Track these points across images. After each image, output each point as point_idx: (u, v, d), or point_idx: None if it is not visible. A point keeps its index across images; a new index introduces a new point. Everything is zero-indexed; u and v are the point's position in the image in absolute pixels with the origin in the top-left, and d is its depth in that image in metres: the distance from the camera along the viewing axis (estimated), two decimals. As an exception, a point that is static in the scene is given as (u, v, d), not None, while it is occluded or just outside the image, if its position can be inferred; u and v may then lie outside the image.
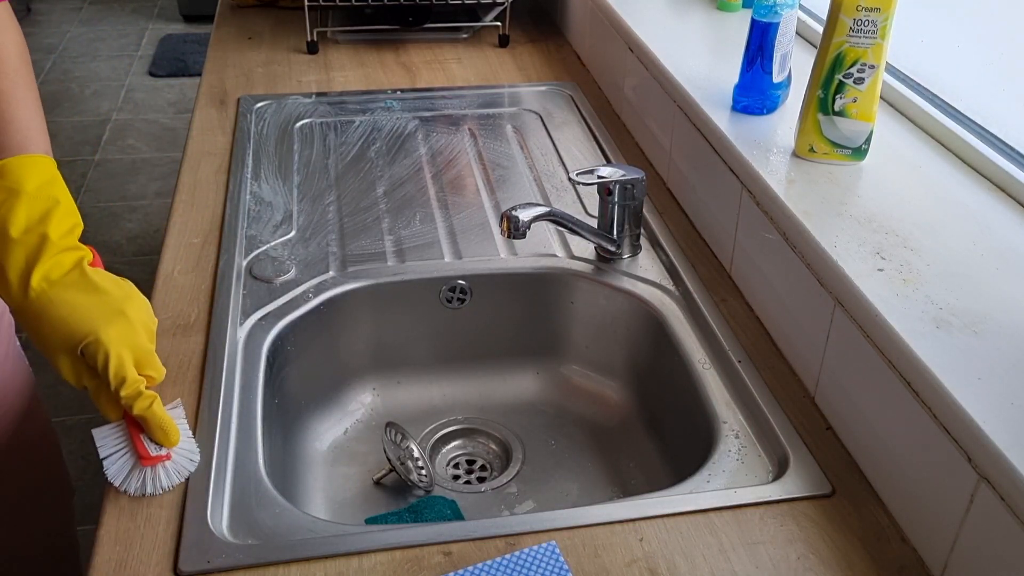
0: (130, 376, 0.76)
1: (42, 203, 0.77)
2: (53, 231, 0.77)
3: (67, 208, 0.80)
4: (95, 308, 0.76)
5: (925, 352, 0.73)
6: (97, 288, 0.77)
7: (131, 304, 0.79)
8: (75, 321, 0.75)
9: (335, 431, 1.08)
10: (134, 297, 0.80)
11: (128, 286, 0.81)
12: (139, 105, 3.56)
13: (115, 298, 0.78)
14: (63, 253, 0.77)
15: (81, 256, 0.79)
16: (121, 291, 0.79)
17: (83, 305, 0.76)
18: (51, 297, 0.76)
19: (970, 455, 0.67)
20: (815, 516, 0.78)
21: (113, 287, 0.79)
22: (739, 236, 1.05)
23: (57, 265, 0.77)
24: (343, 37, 1.76)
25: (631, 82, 1.40)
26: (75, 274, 0.77)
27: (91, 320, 0.76)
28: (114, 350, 0.75)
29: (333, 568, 0.73)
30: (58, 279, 0.76)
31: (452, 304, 1.12)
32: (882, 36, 0.92)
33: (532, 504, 1.01)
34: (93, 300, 0.77)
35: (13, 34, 0.87)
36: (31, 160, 0.79)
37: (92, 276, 0.78)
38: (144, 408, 0.77)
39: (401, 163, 1.32)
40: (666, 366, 1.03)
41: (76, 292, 0.76)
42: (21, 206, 0.76)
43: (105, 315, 0.76)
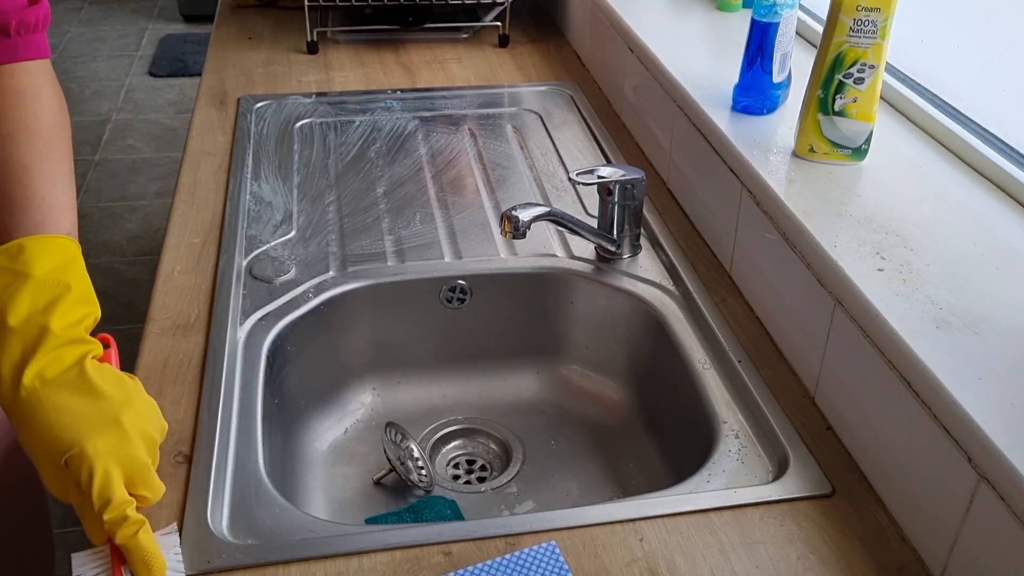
0: (116, 497, 0.67)
1: (50, 290, 0.70)
2: (56, 322, 0.69)
3: (79, 295, 0.72)
4: (86, 414, 0.68)
5: (925, 352, 0.73)
6: (94, 390, 0.69)
7: (130, 410, 0.70)
8: (61, 428, 0.67)
9: (335, 431, 1.08)
10: (136, 402, 0.72)
11: (134, 387, 0.73)
12: (139, 105, 3.57)
13: (112, 403, 0.69)
14: (65, 347, 0.70)
15: (86, 351, 0.71)
16: (122, 394, 0.71)
17: (73, 411, 0.68)
18: (41, 398, 0.67)
19: (970, 455, 0.67)
20: (815, 516, 0.78)
21: (113, 389, 0.70)
22: (739, 236, 1.05)
23: (56, 361, 0.69)
24: (343, 37, 1.76)
25: (631, 82, 1.40)
26: (73, 372, 0.69)
27: (79, 428, 0.67)
28: (100, 465, 0.67)
29: (333, 568, 0.73)
30: (53, 377, 0.68)
31: (452, 304, 1.12)
32: (882, 36, 0.92)
33: (532, 504, 1.01)
34: (86, 405, 0.68)
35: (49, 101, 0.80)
36: (47, 241, 0.72)
37: (92, 376, 0.70)
38: (128, 536, 0.67)
39: (401, 163, 1.32)
40: (666, 366, 1.03)
41: (69, 394, 0.68)
42: (25, 292, 0.69)
43: (96, 423, 0.68)
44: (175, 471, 0.81)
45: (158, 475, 0.74)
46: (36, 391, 0.68)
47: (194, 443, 0.84)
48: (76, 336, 0.70)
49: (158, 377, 0.92)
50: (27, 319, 0.69)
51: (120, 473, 0.68)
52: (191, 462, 0.82)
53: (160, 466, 0.82)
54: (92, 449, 0.67)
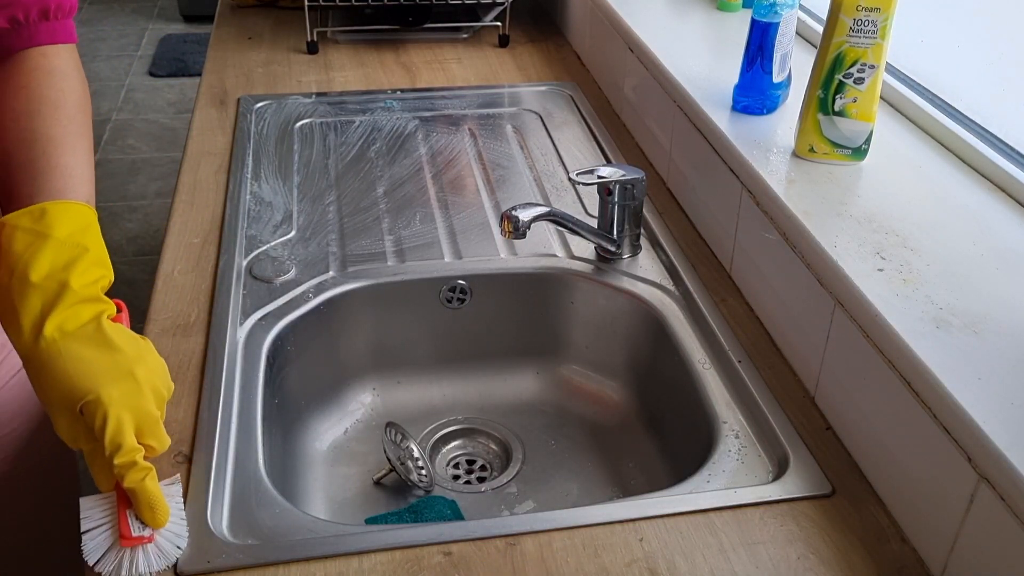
0: (127, 443, 0.70)
1: (69, 250, 0.74)
2: (75, 280, 0.73)
3: (95, 257, 0.76)
4: (103, 365, 0.72)
5: (925, 352, 0.73)
6: (110, 345, 0.73)
7: (143, 365, 0.74)
8: (79, 377, 0.71)
9: (335, 431, 1.08)
10: (148, 359, 0.75)
11: (145, 346, 0.76)
12: (139, 105, 3.57)
13: (127, 357, 0.73)
14: (82, 304, 0.73)
15: (101, 310, 0.74)
16: (136, 350, 0.74)
17: (91, 361, 0.71)
18: (60, 348, 0.71)
19: (970, 455, 0.67)
20: (815, 516, 0.78)
21: (128, 345, 0.74)
22: (739, 236, 1.05)
23: (74, 316, 0.73)
24: (343, 37, 1.76)
25: (631, 82, 1.40)
26: (90, 327, 0.73)
27: (95, 377, 0.71)
28: (113, 412, 0.70)
29: (333, 568, 0.73)
30: (72, 330, 0.72)
31: (452, 304, 1.12)
32: (882, 36, 0.92)
33: (532, 504, 1.01)
34: (103, 357, 0.72)
35: (75, 81, 0.85)
36: (67, 206, 0.76)
37: (108, 331, 0.73)
38: (136, 481, 0.71)
39: (401, 163, 1.32)
40: (666, 366, 1.03)
41: (87, 346, 0.72)
42: (47, 251, 0.73)
43: (112, 374, 0.71)
44: (175, 471, 0.81)
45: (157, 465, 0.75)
46: (55, 342, 0.71)
47: (194, 443, 0.84)
48: (93, 294, 0.74)
49: (158, 377, 0.92)
50: (48, 276, 0.72)
51: (131, 422, 0.71)
52: (191, 462, 0.82)
53: (160, 466, 0.82)
54: (107, 397, 0.70)
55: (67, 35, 0.88)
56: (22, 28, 0.84)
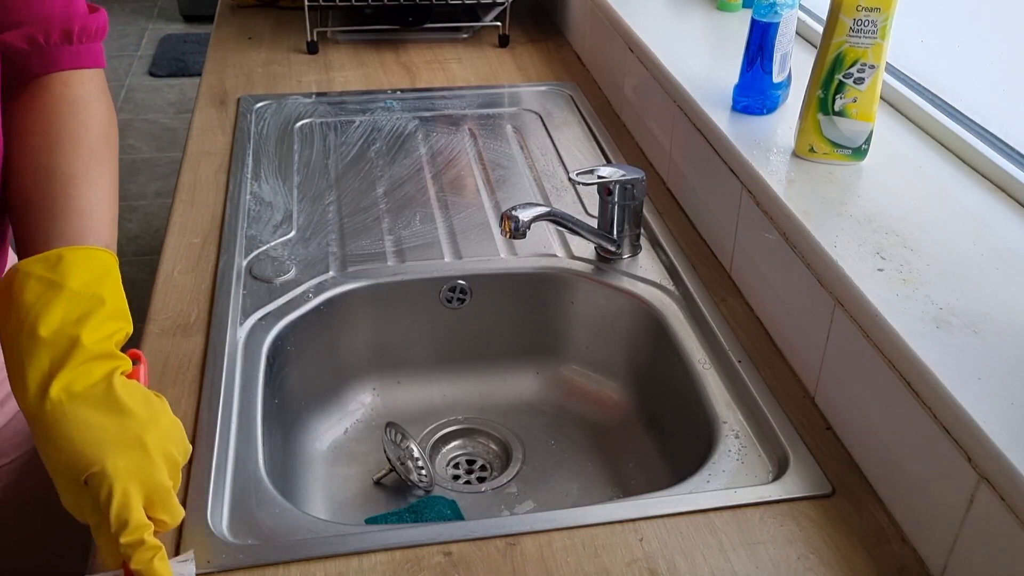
0: (134, 519, 0.65)
1: (84, 302, 0.69)
2: (87, 335, 0.68)
3: (112, 310, 0.70)
4: (110, 432, 0.66)
5: (925, 352, 0.73)
6: (120, 408, 0.67)
7: (154, 431, 0.68)
8: (83, 445, 0.66)
9: (335, 431, 1.08)
10: (161, 422, 0.70)
11: (160, 407, 0.71)
12: (139, 105, 3.57)
13: (137, 422, 0.68)
14: (94, 361, 0.68)
15: (114, 367, 0.69)
16: (148, 413, 0.69)
17: (97, 427, 0.66)
18: (65, 412, 0.66)
19: (970, 455, 0.67)
20: (815, 516, 0.78)
21: (139, 408, 0.69)
22: (739, 236, 1.05)
23: (84, 375, 0.67)
24: (343, 37, 1.76)
25: (631, 82, 1.40)
26: (100, 387, 0.67)
27: (101, 446, 0.66)
28: (119, 485, 0.65)
29: (333, 568, 0.73)
30: (80, 391, 0.67)
31: (452, 304, 1.12)
32: (882, 36, 0.92)
33: (532, 504, 1.01)
34: (111, 422, 0.67)
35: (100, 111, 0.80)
36: (84, 252, 0.71)
37: (119, 393, 0.68)
38: (144, 562, 0.65)
39: (401, 163, 1.32)
40: (666, 366, 1.03)
41: (94, 410, 0.67)
42: (59, 303, 0.68)
43: (119, 442, 0.66)
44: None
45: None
46: (61, 404, 0.66)
47: (194, 443, 0.84)
48: (106, 350, 0.69)
49: (158, 377, 0.92)
50: (58, 330, 0.67)
51: (140, 495, 0.66)
52: (191, 462, 0.82)
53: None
54: (113, 468, 0.65)
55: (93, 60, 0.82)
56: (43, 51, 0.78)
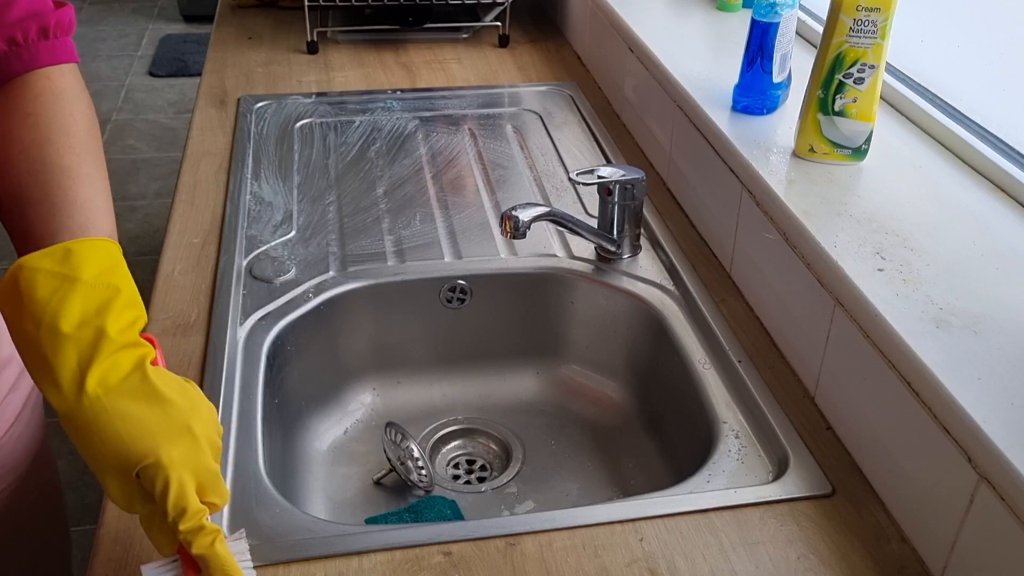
0: (191, 506, 0.65)
1: (100, 293, 0.67)
2: (111, 325, 0.66)
3: (128, 298, 0.69)
4: (157, 423, 0.66)
5: (925, 352, 0.73)
6: (160, 397, 0.67)
7: (197, 417, 0.68)
8: (132, 438, 0.65)
9: (335, 431, 1.08)
10: (200, 407, 0.69)
11: (194, 391, 0.70)
12: (139, 105, 3.57)
13: (180, 410, 0.67)
14: (122, 351, 0.67)
15: (142, 355, 0.68)
16: (187, 400, 0.68)
17: (143, 419, 0.65)
18: (106, 406, 0.65)
19: (970, 455, 0.67)
20: (815, 516, 0.78)
21: (179, 395, 0.68)
22: (739, 236, 1.05)
23: (115, 366, 0.66)
24: (343, 37, 1.76)
25: (631, 82, 1.40)
26: (135, 378, 0.67)
27: (152, 438, 0.65)
28: (175, 475, 0.65)
29: (333, 568, 0.73)
30: (116, 384, 0.66)
31: (452, 304, 1.12)
32: (882, 36, 0.92)
33: (532, 504, 1.01)
34: (155, 413, 0.66)
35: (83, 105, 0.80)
36: (91, 244, 0.70)
37: (155, 381, 0.67)
38: (206, 546, 0.65)
39: (401, 163, 1.32)
40: (666, 366, 1.03)
41: (135, 402, 0.66)
42: (76, 296, 0.66)
43: (168, 432, 0.66)
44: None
45: None
46: (99, 399, 0.65)
47: (194, 443, 0.84)
48: (131, 340, 0.68)
49: (158, 377, 0.92)
50: (80, 324, 0.66)
51: (193, 482, 0.66)
52: (191, 462, 0.82)
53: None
54: (167, 459, 0.65)
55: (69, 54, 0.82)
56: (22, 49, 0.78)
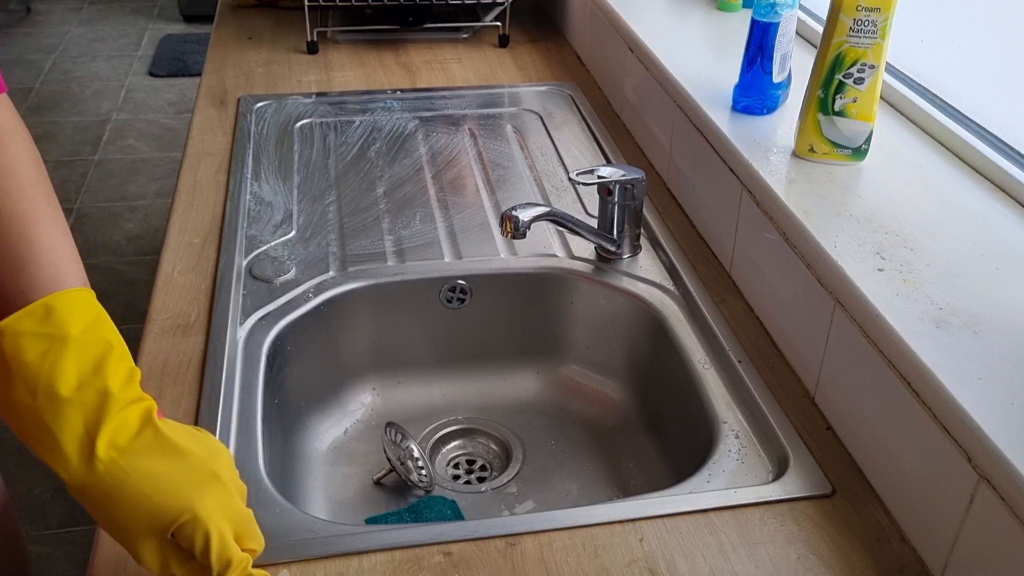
0: (235, 557, 0.63)
1: (92, 348, 0.63)
2: (113, 382, 0.63)
3: (121, 351, 0.65)
4: (183, 476, 0.63)
5: (925, 352, 0.73)
6: (179, 449, 0.63)
7: (220, 462, 0.65)
8: (163, 496, 0.62)
9: (335, 431, 1.08)
10: (219, 453, 0.66)
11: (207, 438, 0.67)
12: (139, 105, 3.57)
13: (202, 459, 0.64)
14: (126, 409, 0.63)
15: (148, 408, 0.64)
16: (205, 448, 0.65)
17: (168, 474, 0.62)
18: (124, 468, 0.61)
19: (970, 455, 0.67)
20: (815, 516, 0.78)
21: (195, 444, 0.65)
22: (739, 236, 1.05)
23: (123, 426, 0.62)
24: (343, 37, 1.76)
25: (631, 82, 1.40)
26: (147, 435, 0.63)
27: (183, 492, 0.62)
28: (215, 527, 0.62)
29: (333, 568, 0.73)
30: (128, 444, 0.62)
31: (452, 304, 1.12)
32: (882, 36, 0.92)
33: (532, 504, 1.01)
34: (178, 466, 0.63)
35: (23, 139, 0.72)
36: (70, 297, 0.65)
37: (168, 434, 0.64)
38: None
39: (401, 163, 1.32)
40: (666, 366, 1.03)
41: (155, 458, 0.62)
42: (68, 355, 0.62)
43: (197, 483, 0.63)
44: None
45: None
46: (115, 463, 0.61)
47: (194, 443, 0.84)
48: (135, 395, 0.65)
49: (158, 377, 0.92)
50: (80, 385, 0.62)
51: (231, 530, 0.64)
52: (191, 462, 0.82)
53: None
54: (204, 511, 0.62)
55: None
56: None
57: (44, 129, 3.34)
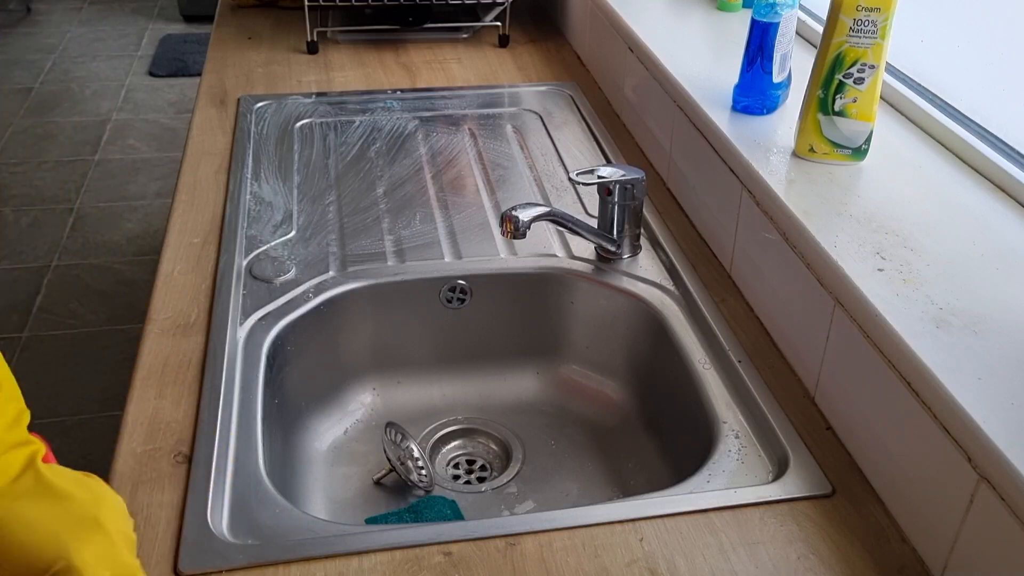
0: None
1: None
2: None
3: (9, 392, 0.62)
4: (61, 522, 0.60)
5: (925, 352, 0.73)
6: (59, 494, 0.60)
7: (104, 508, 0.62)
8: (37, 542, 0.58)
9: (335, 431, 1.08)
10: (106, 498, 0.63)
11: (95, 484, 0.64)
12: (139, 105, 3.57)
13: (83, 504, 0.61)
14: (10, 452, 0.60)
15: (32, 452, 0.61)
16: (89, 493, 0.62)
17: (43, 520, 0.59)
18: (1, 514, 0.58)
19: (970, 455, 0.67)
20: (815, 516, 0.78)
21: (79, 489, 0.62)
22: (739, 236, 1.05)
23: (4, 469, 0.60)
24: (343, 37, 1.76)
25: (631, 82, 1.40)
26: (28, 478, 0.60)
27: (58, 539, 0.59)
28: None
29: (333, 568, 0.73)
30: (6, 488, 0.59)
31: (452, 304, 1.12)
32: (882, 36, 0.92)
33: (532, 504, 1.01)
34: (56, 511, 0.60)
35: None
36: None
37: (51, 478, 0.61)
38: None
39: (401, 163, 1.32)
40: (666, 366, 1.03)
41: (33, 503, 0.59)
42: None
43: (75, 530, 0.60)
44: (175, 471, 0.81)
45: None
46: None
47: (194, 443, 0.84)
48: (20, 438, 0.62)
49: (158, 377, 0.92)
50: None
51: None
52: (191, 462, 0.82)
53: (160, 466, 0.82)
54: (80, 560, 0.59)
55: None
56: None
57: (44, 129, 3.34)
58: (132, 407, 0.89)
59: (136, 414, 0.88)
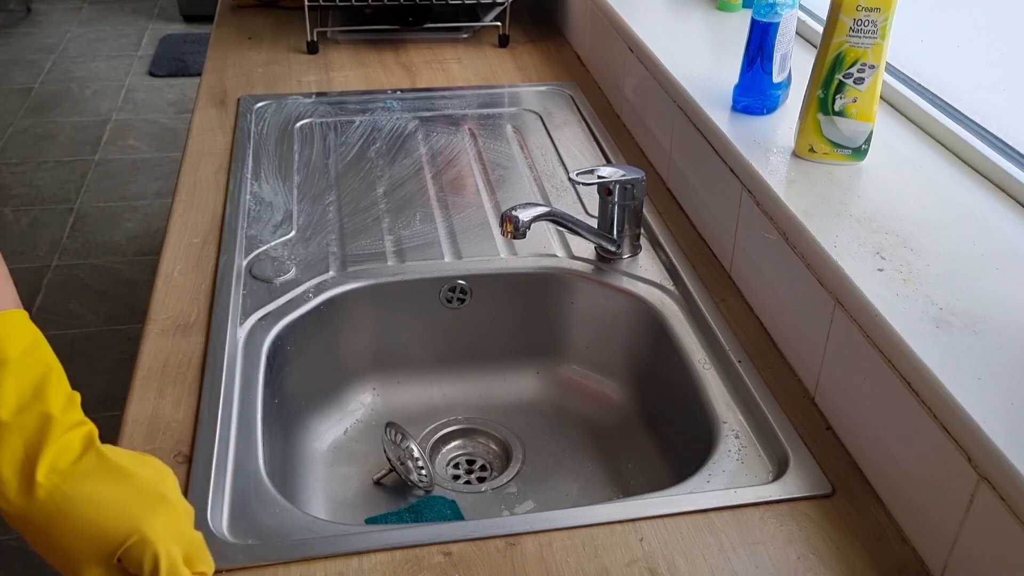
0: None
1: (31, 371, 0.61)
2: (54, 405, 0.61)
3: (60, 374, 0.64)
4: (130, 498, 0.61)
5: (925, 352, 0.73)
6: (123, 472, 0.62)
7: (167, 483, 0.64)
8: (108, 519, 0.60)
9: (335, 431, 1.08)
10: (166, 475, 0.65)
11: (153, 461, 0.66)
12: (139, 105, 3.57)
13: (148, 480, 0.63)
14: (69, 432, 0.61)
15: (90, 432, 0.63)
16: (151, 470, 0.64)
17: (113, 497, 0.61)
18: (67, 493, 0.59)
19: (970, 455, 0.67)
20: (815, 516, 0.78)
21: (140, 466, 0.64)
22: (739, 236, 1.05)
23: (64, 450, 0.61)
24: (343, 37, 1.76)
25: (631, 82, 1.40)
26: (90, 458, 0.61)
27: (129, 514, 0.61)
28: (163, 549, 0.61)
29: (333, 568, 0.73)
30: (69, 469, 0.60)
31: (452, 304, 1.12)
32: (882, 36, 0.92)
33: (532, 504, 1.01)
34: (123, 487, 0.61)
35: None
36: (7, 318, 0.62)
37: (112, 456, 0.62)
38: None
39: (401, 163, 1.32)
40: (666, 366, 1.03)
41: (99, 482, 0.61)
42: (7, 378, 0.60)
43: (144, 504, 0.61)
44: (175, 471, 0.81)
45: None
46: (58, 488, 0.60)
47: (194, 443, 0.84)
48: (77, 419, 0.63)
49: (158, 377, 0.92)
50: (20, 409, 0.60)
51: (180, 553, 0.63)
52: (191, 462, 0.82)
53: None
54: (152, 532, 0.61)
55: None
56: None
57: (44, 129, 3.34)
58: (132, 407, 0.89)
59: (136, 414, 0.88)
